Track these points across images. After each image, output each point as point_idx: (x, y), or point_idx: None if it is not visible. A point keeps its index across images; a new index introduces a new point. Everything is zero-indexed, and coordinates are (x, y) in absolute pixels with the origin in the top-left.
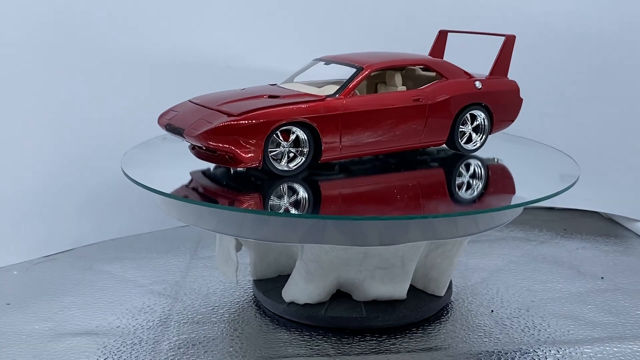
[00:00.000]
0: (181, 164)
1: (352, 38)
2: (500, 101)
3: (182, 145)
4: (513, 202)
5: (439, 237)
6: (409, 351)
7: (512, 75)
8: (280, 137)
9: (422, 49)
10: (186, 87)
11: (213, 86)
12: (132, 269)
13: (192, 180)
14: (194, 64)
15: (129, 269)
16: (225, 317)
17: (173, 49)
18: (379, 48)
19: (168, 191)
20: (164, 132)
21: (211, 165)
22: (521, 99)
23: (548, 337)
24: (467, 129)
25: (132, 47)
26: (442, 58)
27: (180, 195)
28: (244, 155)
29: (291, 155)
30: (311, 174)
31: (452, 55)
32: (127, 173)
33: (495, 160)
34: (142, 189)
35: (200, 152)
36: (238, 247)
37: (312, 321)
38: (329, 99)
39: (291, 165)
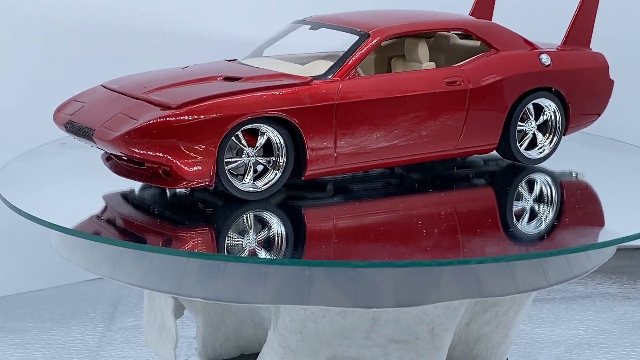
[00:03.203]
0: (90, 184)
1: None
2: (579, 85)
3: (91, 155)
4: (600, 239)
5: (487, 295)
6: None
7: (595, 45)
8: (243, 141)
9: (459, 5)
10: (99, 65)
11: (141, 63)
12: (13, 347)
13: (106, 207)
14: (110, 28)
15: (9, 346)
16: None
17: (82, 8)
18: (394, 4)
19: (69, 225)
20: (63, 133)
21: (137, 185)
22: (611, 82)
23: None
24: (530, 126)
25: (18, 3)
26: (491, 19)
27: (89, 231)
28: (186, 168)
29: (260, 168)
30: (290, 198)
31: (505, 15)
32: (5, 197)
33: (574, 175)
34: (28, 221)
35: (119, 165)
36: (178, 312)
37: None
38: (317, 81)
39: (259, 183)
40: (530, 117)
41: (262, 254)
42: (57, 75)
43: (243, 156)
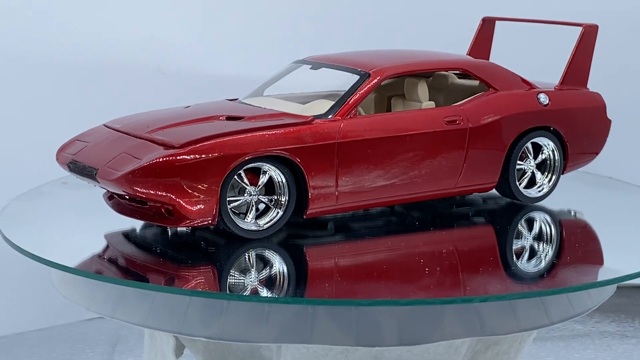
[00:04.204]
0: (92, 223)
1: (353, 29)
2: (577, 124)
3: (93, 194)
4: (600, 278)
5: (489, 333)
6: None
7: (592, 85)
8: (245, 180)
9: (457, 45)
10: (101, 105)
11: (142, 102)
12: None
13: (108, 246)
14: (111, 68)
15: None
16: None
17: (82, 48)
18: (393, 44)
19: (71, 264)
20: (65, 172)
21: (139, 224)
22: (609, 121)
23: None
24: (529, 165)
25: (18, 44)
26: (488, 59)
27: (91, 270)
28: (189, 207)
29: (262, 206)
30: (292, 236)
31: (502, 54)
32: (7, 236)
33: (573, 213)
34: (30, 260)
35: (121, 204)
36: (178, 351)
37: None
38: (318, 121)
39: (262, 222)
40: (529, 155)
41: (265, 292)
42: (58, 115)
43: (245, 195)
